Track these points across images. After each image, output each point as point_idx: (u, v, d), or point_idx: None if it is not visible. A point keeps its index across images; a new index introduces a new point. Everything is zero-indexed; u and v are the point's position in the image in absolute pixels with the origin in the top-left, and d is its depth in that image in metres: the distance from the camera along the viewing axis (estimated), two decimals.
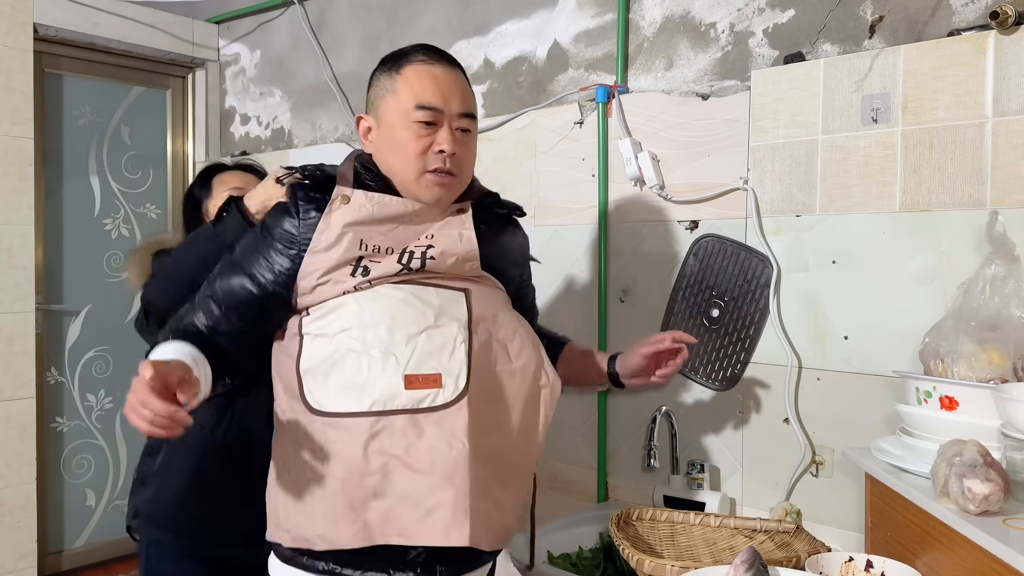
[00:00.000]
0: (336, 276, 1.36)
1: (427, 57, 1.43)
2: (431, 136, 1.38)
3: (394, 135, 1.39)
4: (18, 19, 2.87)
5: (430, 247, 1.41)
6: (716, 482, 1.98)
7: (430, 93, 1.39)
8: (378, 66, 1.48)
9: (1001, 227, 1.49)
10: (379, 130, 1.43)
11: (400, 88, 1.40)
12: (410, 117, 1.38)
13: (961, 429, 1.34)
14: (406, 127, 1.38)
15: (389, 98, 1.41)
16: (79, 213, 3.27)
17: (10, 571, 2.85)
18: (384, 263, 1.38)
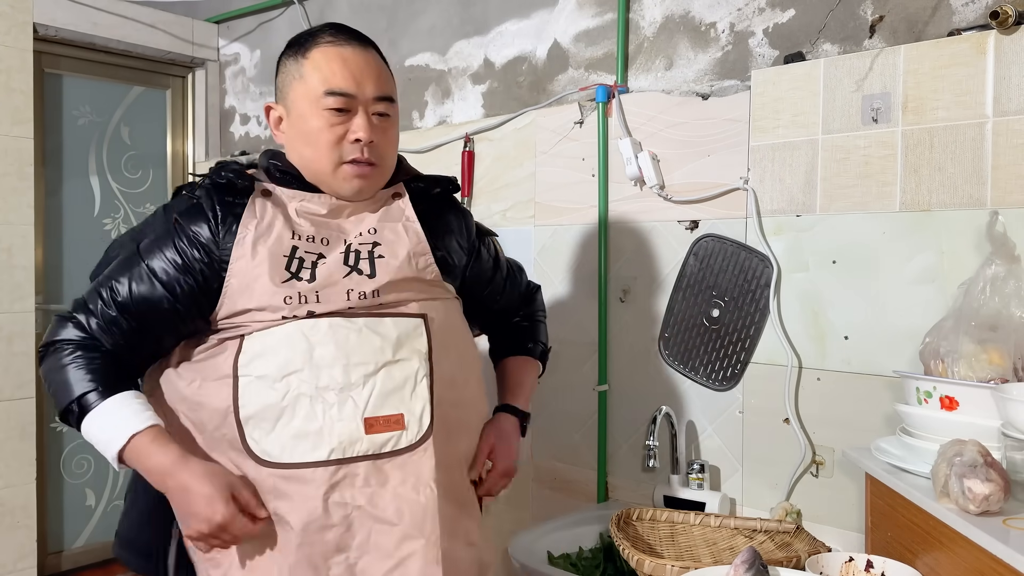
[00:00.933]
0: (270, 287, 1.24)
1: (335, 37, 1.30)
2: (345, 124, 1.28)
3: (305, 124, 1.28)
4: (18, 19, 2.87)
5: (376, 244, 1.32)
6: (716, 482, 1.98)
7: (340, 77, 1.27)
8: (284, 50, 1.35)
9: (1001, 227, 1.49)
10: (289, 119, 1.32)
11: (308, 73, 1.28)
12: (320, 104, 1.27)
13: (961, 429, 1.34)
14: (317, 115, 1.27)
15: (297, 84, 1.29)
16: (79, 213, 3.27)
17: (10, 571, 2.84)
18: (329, 262, 1.28)
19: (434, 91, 2.68)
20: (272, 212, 1.29)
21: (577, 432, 2.25)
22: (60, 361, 1.23)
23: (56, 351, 1.25)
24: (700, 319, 2.01)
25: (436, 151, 2.60)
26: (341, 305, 1.27)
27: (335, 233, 1.31)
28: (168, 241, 1.26)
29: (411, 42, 2.75)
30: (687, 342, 2.03)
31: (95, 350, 1.24)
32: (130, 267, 1.27)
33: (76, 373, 1.22)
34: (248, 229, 1.26)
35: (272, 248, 1.26)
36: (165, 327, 1.28)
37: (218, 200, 1.27)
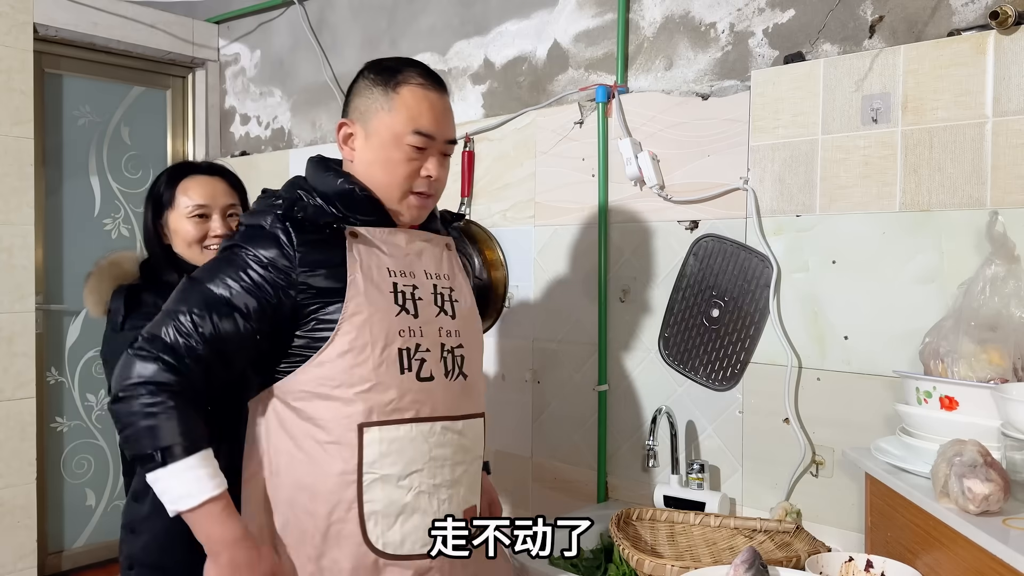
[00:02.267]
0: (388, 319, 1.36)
1: (424, 81, 1.42)
2: (420, 160, 1.41)
3: (385, 152, 1.40)
4: (18, 19, 2.87)
5: (452, 289, 1.49)
6: (716, 482, 1.98)
7: (427, 120, 1.40)
8: (368, 73, 1.44)
9: (1001, 227, 1.49)
10: (367, 143, 1.41)
11: (397, 108, 1.39)
12: (405, 140, 1.39)
13: (961, 429, 1.34)
14: (399, 148, 1.39)
15: (383, 115, 1.40)
16: (79, 213, 3.27)
17: (10, 571, 2.85)
18: (425, 300, 1.42)
19: None
20: (367, 252, 1.38)
21: (577, 432, 2.25)
22: (147, 406, 1.25)
23: (142, 394, 1.26)
24: (700, 319, 2.01)
25: None
26: (436, 341, 1.42)
27: (416, 267, 1.44)
28: (241, 268, 1.32)
29: (411, 42, 2.75)
30: (687, 342, 2.03)
31: (182, 396, 1.28)
32: (206, 298, 1.31)
33: (165, 421, 1.25)
34: (356, 272, 1.35)
35: (379, 285, 1.37)
36: (245, 356, 1.35)
37: (293, 228, 1.34)
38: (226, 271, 1.32)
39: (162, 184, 1.76)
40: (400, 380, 1.36)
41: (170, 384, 1.26)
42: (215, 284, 1.31)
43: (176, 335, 1.28)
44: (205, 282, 1.32)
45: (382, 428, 1.34)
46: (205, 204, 1.72)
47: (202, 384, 1.31)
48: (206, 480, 1.26)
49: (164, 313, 1.31)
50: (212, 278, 1.32)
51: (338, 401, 1.33)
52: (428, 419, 1.38)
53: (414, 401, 1.37)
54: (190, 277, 1.36)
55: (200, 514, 1.26)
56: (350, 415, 1.33)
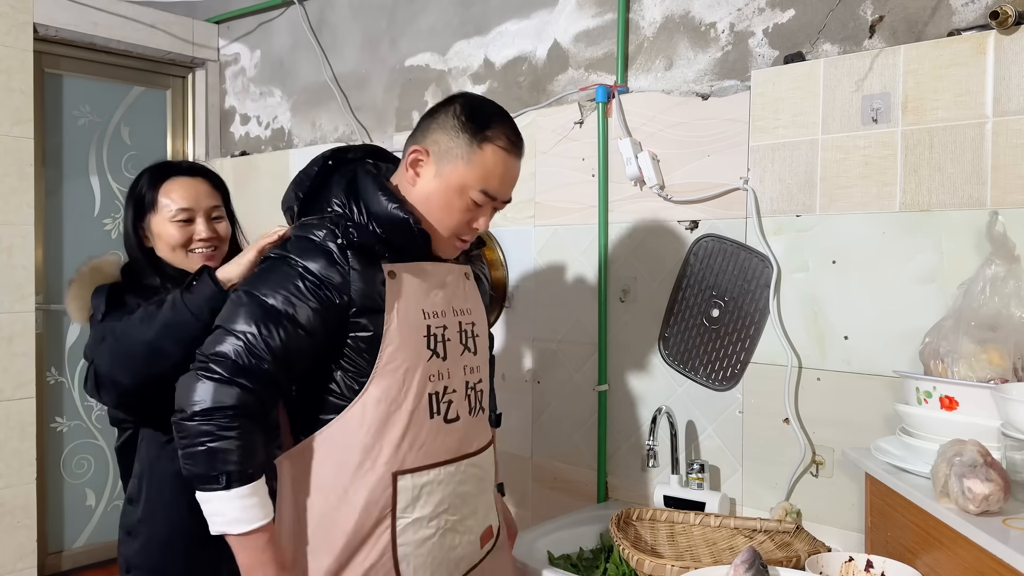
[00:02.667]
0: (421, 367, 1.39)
1: (508, 145, 1.41)
2: (476, 214, 1.43)
3: (448, 196, 1.40)
4: (18, 19, 2.87)
5: (473, 324, 1.52)
6: (716, 482, 1.98)
7: (498, 183, 1.41)
8: (461, 113, 1.40)
9: (1001, 227, 1.49)
10: (435, 180, 1.41)
11: (476, 163, 1.39)
12: (470, 194, 1.40)
13: (961, 429, 1.34)
14: (462, 198, 1.40)
15: (460, 163, 1.39)
16: (79, 213, 3.27)
17: (10, 571, 2.84)
18: (453, 341, 1.45)
19: (434, 91, 2.68)
20: (404, 293, 1.39)
21: (577, 432, 2.25)
22: (223, 428, 1.26)
23: (219, 417, 1.26)
24: (700, 319, 2.01)
25: None
26: (461, 381, 1.47)
27: (447, 305, 1.47)
28: (298, 279, 1.32)
29: (411, 42, 2.75)
30: (687, 342, 2.03)
31: (255, 419, 1.30)
32: (268, 312, 1.30)
33: (236, 446, 1.26)
34: (392, 318, 1.36)
35: (414, 329, 1.39)
36: (304, 370, 1.36)
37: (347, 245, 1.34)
38: (283, 283, 1.32)
39: (143, 186, 1.69)
40: (430, 425, 1.39)
41: (249, 407, 1.27)
42: (274, 297, 1.31)
43: (248, 356, 1.27)
44: (263, 295, 1.31)
45: (414, 475, 1.38)
46: (189, 207, 1.66)
47: (273, 403, 1.34)
48: (257, 509, 1.28)
49: (226, 330, 1.29)
50: (269, 290, 1.32)
51: (374, 449, 1.35)
52: (455, 460, 1.43)
53: (443, 444, 1.41)
54: (243, 289, 1.33)
55: (246, 541, 1.28)
56: (385, 463, 1.35)
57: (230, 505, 1.27)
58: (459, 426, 1.44)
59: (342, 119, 3.01)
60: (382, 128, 2.86)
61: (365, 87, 2.92)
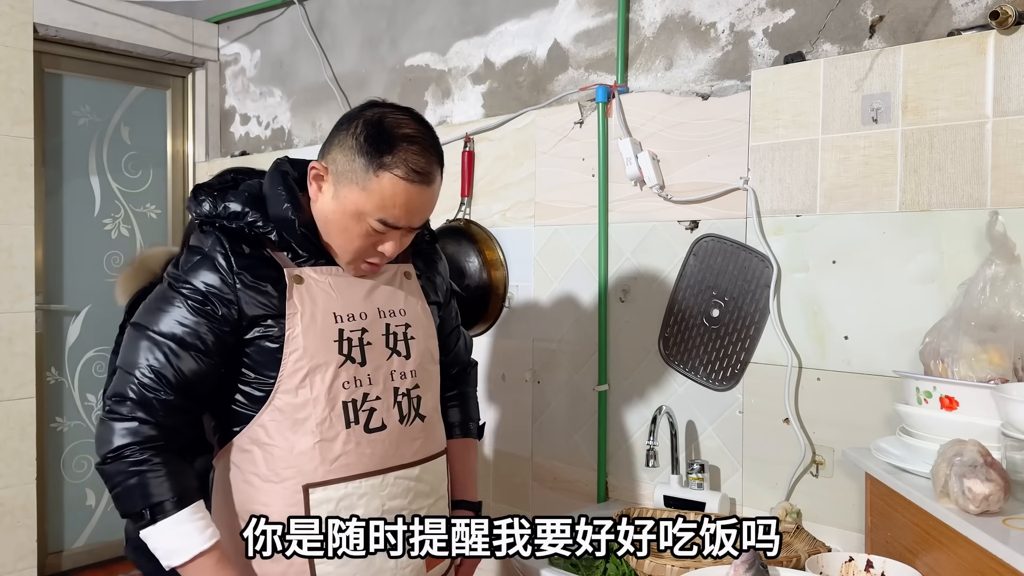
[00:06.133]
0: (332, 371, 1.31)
1: (410, 174, 1.27)
2: (379, 239, 1.33)
3: (344, 220, 1.31)
4: (18, 19, 2.87)
5: (408, 325, 1.42)
6: (716, 482, 1.98)
7: (398, 213, 1.29)
8: (360, 133, 1.28)
9: (1001, 227, 1.49)
10: (332, 201, 1.31)
11: (372, 191, 1.27)
12: (368, 221, 1.30)
13: (961, 429, 1.33)
14: (360, 224, 1.30)
15: (356, 192, 1.28)
16: (79, 213, 3.27)
17: (10, 571, 2.84)
18: (375, 345, 1.36)
19: (434, 91, 2.68)
20: (310, 297, 1.32)
21: (577, 432, 2.25)
22: (134, 464, 1.23)
23: (127, 454, 1.23)
24: (700, 319, 2.01)
25: None
26: (388, 387, 1.37)
27: (368, 306, 1.37)
28: (180, 303, 1.28)
29: (411, 42, 2.75)
30: (687, 342, 2.03)
31: (166, 449, 1.26)
32: (157, 344, 1.26)
33: (153, 479, 1.23)
34: (296, 324, 1.29)
35: (323, 333, 1.31)
36: (210, 387, 1.32)
37: (231, 249, 1.29)
38: (168, 307, 1.28)
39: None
40: (346, 435, 1.31)
41: (153, 438, 1.25)
42: (162, 324, 1.27)
43: (143, 390, 1.25)
44: (150, 325, 1.27)
45: (327, 488, 1.30)
46: None
47: (183, 429, 1.29)
48: (195, 535, 1.24)
49: (123, 370, 1.27)
50: (156, 318, 1.27)
51: (281, 461, 1.29)
52: (379, 472, 1.34)
53: (362, 455, 1.32)
54: (133, 323, 1.29)
55: (193, 569, 1.24)
56: (293, 476, 1.29)
57: (164, 537, 1.23)
58: (384, 436, 1.35)
59: None
60: None
61: (365, 87, 2.92)
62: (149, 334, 1.27)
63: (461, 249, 2.46)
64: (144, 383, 1.25)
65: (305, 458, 1.30)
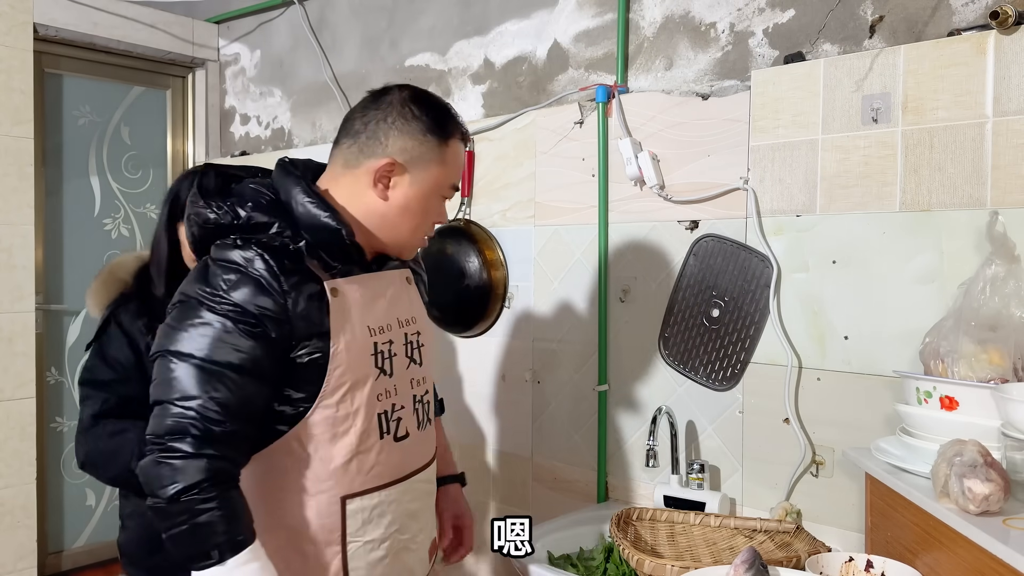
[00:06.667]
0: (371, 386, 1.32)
1: (464, 135, 1.41)
2: (441, 208, 1.42)
3: (428, 200, 1.36)
4: (18, 19, 2.87)
5: (419, 332, 1.44)
6: (716, 482, 1.98)
7: (460, 172, 1.41)
8: (420, 114, 1.34)
9: (1001, 227, 1.49)
10: (411, 187, 1.33)
11: (448, 160, 1.36)
12: (443, 192, 1.39)
13: (961, 429, 1.34)
14: (437, 198, 1.38)
15: (435, 168, 1.35)
16: (79, 213, 3.27)
17: (10, 571, 2.85)
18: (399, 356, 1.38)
19: (434, 91, 2.67)
20: (348, 312, 1.30)
21: (577, 432, 2.25)
22: (201, 503, 1.17)
23: (194, 494, 1.17)
24: (700, 319, 2.01)
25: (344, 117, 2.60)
26: (408, 395, 1.40)
27: (391, 317, 1.39)
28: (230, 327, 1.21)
29: (411, 42, 2.75)
30: (687, 342, 2.03)
31: (232, 484, 1.22)
32: (214, 375, 1.20)
33: (220, 518, 1.18)
34: (339, 340, 1.28)
35: (362, 348, 1.32)
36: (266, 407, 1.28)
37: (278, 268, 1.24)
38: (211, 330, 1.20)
39: (181, 191, 1.68)
40: (380, 445, 1.33)
41: (222, 472, 1.19)
42: (207, 351, 1.19)
43: (207, 424, 1.18)
44: (194, 353, 1.19)
45: (363, 498, 1.32)
46: None
47: (245, 458, 1.26)
48: (259, 573, 1.20)
49: (171, 404, 1.19)
50: (199, 344, 1.19)
51: (318, 473, 1.29)
52: (404, 478, 1.38)
53: (391, 463, 1.35)
54: (171, 352, 1.20)
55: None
56: (332, 487, 1.30)
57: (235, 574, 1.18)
58: (408, 443, 1.38)
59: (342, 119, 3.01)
60: None
61: (365, 87, 2.89)
62: (201, 364, 1.19)
63: (461, 249, 2.46)
64: (208, 417, 1.18)
65: (343, 470, 1.30)
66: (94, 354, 1.67)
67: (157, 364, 1.22)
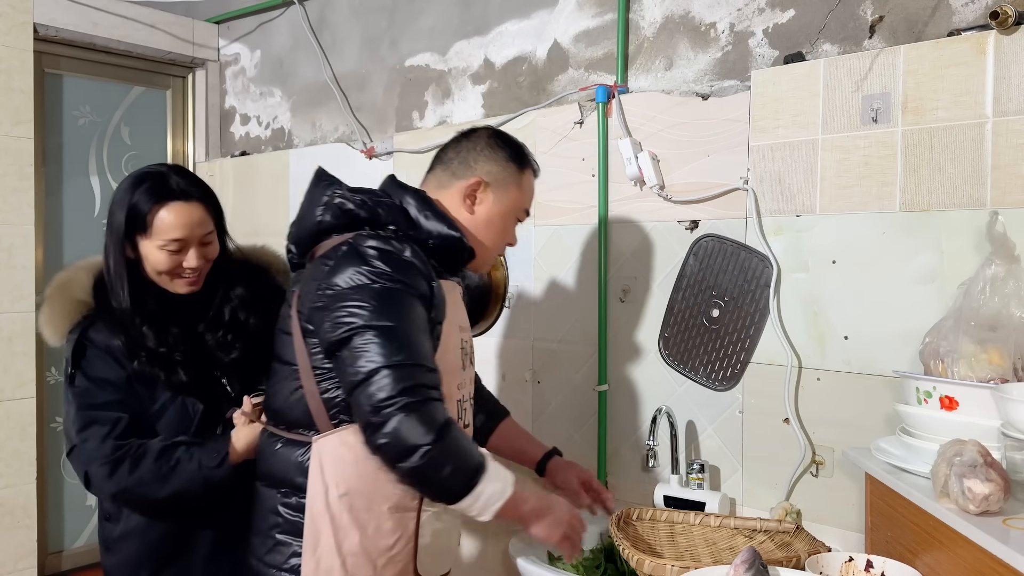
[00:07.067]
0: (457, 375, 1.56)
1: (534, 170, 1.69)
2: (515, 227, 1.69)
3: (506, 219, 1.63)
4: (18, 19, 2.87)
5: (471, 338, 1.67)
6: (716, 482, 1.98)
7: (531, 201, 1.69)
8: (502, 145, 1.63)
9: (1001, 227, 1.49)
10: (495, 205, 1.61)
11: (524, 186, 1.65)
12: (518, 215, 1.66)
13: (961, 429, 1.34)
14: (512, 219, 1.65)
15: (514, 190, 1.63)
16: (79, 213, 3.27)
17: (10, 571, 2.84)
18: (471, 354, 1.66)
19: (434, 91, 2.68)
20: (449, 309, 1.52)
21: (577, 432, 2.25)
22: (458, 432, 1.36)
23: (451, 427, 1.35)
24: (700, 319, 2.01)
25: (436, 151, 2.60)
26: (469, 392, 1.64)
27: (464, 319, 1.62)
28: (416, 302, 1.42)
29: (411, 42, 2.75)
30: (687, 342, 2.03)
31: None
32: (418, 334, 1.39)
33: (466, 440, 1.39)
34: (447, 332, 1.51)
35: (455, 343, 1.55)
36: None
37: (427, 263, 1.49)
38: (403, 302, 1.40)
39: (139, 203, 1.60)
40: None
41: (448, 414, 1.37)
42: (413, 320, 1.40)
43: (431, 374, 1.37)
44: (404, 322, 1.38)
45: None
46: (182, 237, 1.60)
47: None
48: (502, 468, 1.40)
49: (398, 365, 1.33)
50: (404, 315, 1.38)
51: None
52: None
53: None
54: (380, 326, 1.35)
55: (516, 495, 1.39)
56: None
57: (495, 478, 1.37)
58: (468, 432, 1.58)
59: (342, 119, 3.01)
60: (382, 128, 2.86)
61: (365, 87, 2.92)
62: (407, 329, 1.37)
63: None
64: (431, 367, 1.38)
65: None
66: (81, 380, 1.60)
67: (355, 338, 1.35)
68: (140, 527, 1.66)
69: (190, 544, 1.69)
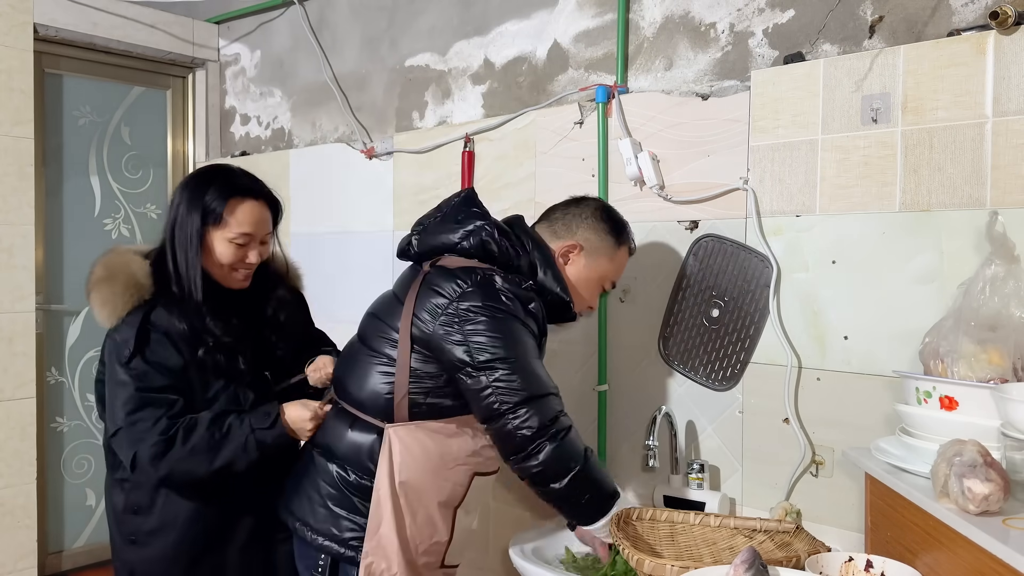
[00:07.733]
0: None
1: (631, 249, 1.84)
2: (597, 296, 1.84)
3: (592, 284, 1.78)
4: (18, 19, 2.87)
5: None
6: (716, 482, 1.98)
7: (619, 275, 1.84)
8: (607, 219, 1.78)
9: (1001, 227, 1.49)
10: (584, 269, 1.76)
11: (616, 260, 1.79)
12: (604, 283, 1.80)
13: (961, 429, 1.34)
14: (597, 286, 1.80)
15: (605, 260, 1.77)
16: (79, 213, 3.27)
17: (10, 571, 2.85)
18: None
19: (434, 91, 2.68)
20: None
21: None
22: (594, 457, 1.60)
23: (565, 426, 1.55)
24: (700, 319, 2.01)
25: (436, 151, 2.60)
26: None
27: None
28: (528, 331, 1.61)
29: (411, 42, 2.75)
30: (687, 342, 2.03)
31: None
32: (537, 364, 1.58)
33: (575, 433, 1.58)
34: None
35: None
36: None
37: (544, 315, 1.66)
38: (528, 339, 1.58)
39: (212, 197, 1.68)
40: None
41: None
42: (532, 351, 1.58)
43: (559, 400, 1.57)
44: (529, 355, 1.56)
45: (483, 477, 1.68)
46: (251, 233, 1.70)
47: None
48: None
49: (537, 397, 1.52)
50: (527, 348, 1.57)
51: (473, 451, 1.63)
52: (491, 472, 1.72)
53: (495, 459, 1.68)
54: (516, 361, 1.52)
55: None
56: (475, 464, 1.64)
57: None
58: None
59: (342, 119, 3.01)
60: (382, 128, 2.86)
61: (365, 87, 2.92)
62: (537, 361, 1.58)
63: None
64: (558, 392, 1.58)
65: (486, 454, 1.65)
66: (139, 363, 1.60)
67: (497, 366, 1.52)
68: (182, 518, 1.67)
69: (230, 534, 1.71)
